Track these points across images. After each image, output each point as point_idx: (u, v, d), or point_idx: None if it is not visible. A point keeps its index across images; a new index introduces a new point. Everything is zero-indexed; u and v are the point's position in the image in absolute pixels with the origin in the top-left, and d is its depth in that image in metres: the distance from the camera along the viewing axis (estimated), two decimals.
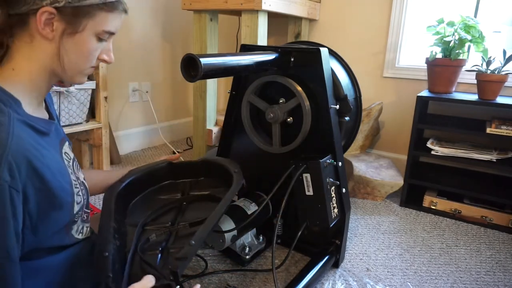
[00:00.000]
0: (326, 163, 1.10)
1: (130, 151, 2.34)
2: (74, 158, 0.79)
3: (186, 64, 0.86)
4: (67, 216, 0.69)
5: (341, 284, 1.18)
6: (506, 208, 1.63)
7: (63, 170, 0.69)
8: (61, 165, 0.69)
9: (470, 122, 1.78)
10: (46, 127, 0.68)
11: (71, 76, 0.70)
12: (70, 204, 0.69)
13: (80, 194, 0.74)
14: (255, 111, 1.29)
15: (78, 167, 0.81)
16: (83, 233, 0.76)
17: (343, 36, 2.23)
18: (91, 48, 0.68)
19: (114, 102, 2.17)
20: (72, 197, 0.70)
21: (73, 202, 0.70)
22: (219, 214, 0.82)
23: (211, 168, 1.08)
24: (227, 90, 1.39)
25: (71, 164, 0.76)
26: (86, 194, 0.78)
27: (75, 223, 0.73)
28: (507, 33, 1.87)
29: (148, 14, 2.26)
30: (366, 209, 1.72)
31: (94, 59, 0.70)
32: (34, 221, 0.61)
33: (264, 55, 1.14)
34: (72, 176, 0.72)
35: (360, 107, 1.46)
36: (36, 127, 0.64)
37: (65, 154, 0.75)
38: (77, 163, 0.81)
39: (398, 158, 2.13)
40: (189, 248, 0.71)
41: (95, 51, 0.69)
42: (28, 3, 0.61)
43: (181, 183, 1.08)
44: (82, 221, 0.76)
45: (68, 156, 0.76)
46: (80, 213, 0.73)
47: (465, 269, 1.29)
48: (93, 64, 0.71)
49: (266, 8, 1.65)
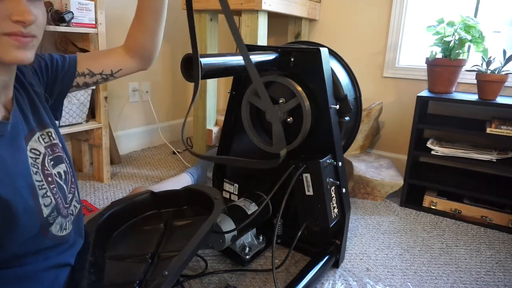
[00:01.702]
0: (326, 163, 1.10)
1: (130, 151, 2.34)
2: (48, 152, 0.72)
3: (186, 64, 0.86)
4: (35, 222, 0.63)
5: (341, 284, 1.18)
6: (506, 208, 1.63)
7: (21, 174, 0.63)
8: (18, 169, 0.63)
9: (470, 122, 1.78)
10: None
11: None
12: (33, 208, 0.63)
13: (49, 194, 0.67)
14: (255, 111, 1.29)
15: (53, 162, 0.73)
16: (67, 229, 0.72)
17: (343, 36, 2.23)
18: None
19: (114, 102, 2.17)
20: (35, 201, 0.64)
21: (39, 206, 0.64)
22: (195, 243, 0.80)
23: (194, 196, 1.06)
24: (227, 90, 1.39)
25: (41, 160, 0.69)
26: (63, 191, 0.73)
27: (52, 225, 0.67)
28: (507, 33, 1.87)
29: None
30: (366, 209, 1.72)
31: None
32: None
33: (264, 55, 1.14)
34: (37, 176, 0.66)
35: (360, 107, 1.46)
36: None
37: (32, 151, 0.68)
38: (55, 157, 0.74)
39: (398, 158, 2.13)
40: (162, 279, 0.69)
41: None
42: None
43: (164, 213, 1.05)
44: (63, 217, 0.71)
45: (35, 153, 0.69)
46: (53, 214, 0.68)
47: (465, 269, 1.29)
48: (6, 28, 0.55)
49: (266, 8, 1.65)
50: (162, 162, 2.19)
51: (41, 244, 0.66)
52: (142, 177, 1.94)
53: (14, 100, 0.67)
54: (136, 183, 1.85)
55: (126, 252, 0.89)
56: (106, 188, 1.78)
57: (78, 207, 0.78)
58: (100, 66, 0.86)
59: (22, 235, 0.61)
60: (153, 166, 2.11)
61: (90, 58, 0.87)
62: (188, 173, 1.71)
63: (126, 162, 2.16)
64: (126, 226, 0.99)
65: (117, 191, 1.76)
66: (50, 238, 0.67)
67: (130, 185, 1.83)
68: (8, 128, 0.63)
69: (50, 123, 0.76)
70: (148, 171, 2.03)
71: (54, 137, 0.75)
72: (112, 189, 1.77)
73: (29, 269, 0.65)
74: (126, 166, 2.08)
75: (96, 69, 0.86)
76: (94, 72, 0.86)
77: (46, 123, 0.75)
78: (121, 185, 1.83)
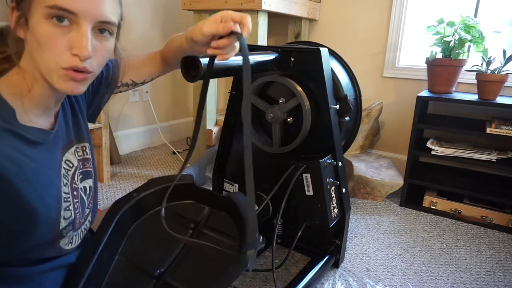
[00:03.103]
0: (326, 163, 1.10)
1: (130, 151, 2.34)
2: (79, 166, 0.74)
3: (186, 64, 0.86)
4: (49, 233, 0.64)
5: (341, 284, 1.18)
6: (506, 208, 1.63)
7: (52, 185, 0.64)
8: (51, 179, 0.64)
9: (470, 122, 1.78)
10: (39, 136, 0.62)
11: (48, 79, 0.58)
12: (54, 220, 0.64)
13: (71, 208, 0.68)
14: (255, 111, 1.29)
15: (81, 176, 0.75)
16: (73, 243, 0.72)
17: (343, 36, 2.23)
18: (44, 34, 0.54)
19: (114, 102, 2.17)
20: (58, 213, 0.64)
21: (59, 218, 0.65)
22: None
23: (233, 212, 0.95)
24: (227, 90, 1.39)
25: (71, 173, 0.71)
26: (83, 206, 0.74)
27: (63, 238, 0.68)
28: (507, 33, 1.87)
29: (148, 14, 2.26)
30: (366, 209, 1.72)
31: (59, 53, 0.55)
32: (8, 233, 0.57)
33: (264, 55, 1.14)
34: (66, 188, 0.67)
35: (360, 107, 1.46)
36: (26, 137, 0.59)
37: (67, 162, 0.70)
38: (84, 172, 0.75)
39: (398, 158, 2.13)
40: None
41: (52, 40, 0.55)
42: None
43: (201, 208, 0.97)
44: (74, 231, 0.71)
45: (69, 165, 0.70)
46: (68, 228, 0.68)
47: (465, 269, 1.29)
48: (64, 61, 0.56)
49: (266, 8, 1.65)
50: (162, 162, 2.19)
51: (44, 253, 0.66)
52: (142, 177, 1.94)
53: (60, 111, 0.69)
54: (136, 183, 1.85)
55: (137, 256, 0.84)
56: (106, 188, 1.78)
57: (91, 222, 0.78)
58: (143, 76, 0.88)
59: (33, 242, 0.62)
60: (153, 166, 2.11)
61: (133, 69, 0.86)
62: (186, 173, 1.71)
63: (126, 162, 2.16)
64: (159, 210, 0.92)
65: (117, 191, 1.76)
66: (56, 249, 0.68)
67: (130, 185, 1.83)
68: (50, 137, 0.65)
69: (87, 138, 0.78)
70: (148, 171, 2.03)
71: (87, 151, 0.77)
72: (112, 189, 1.77)
73: (24, 271, 0.65)
74: (126, 166, 2.09)
75: (139, 79, 0.88)
76: (137, 82, 0.88)
77: (83, 137, 0.77)
78: (121, 185, 1.83)
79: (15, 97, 0.60)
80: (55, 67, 0.56)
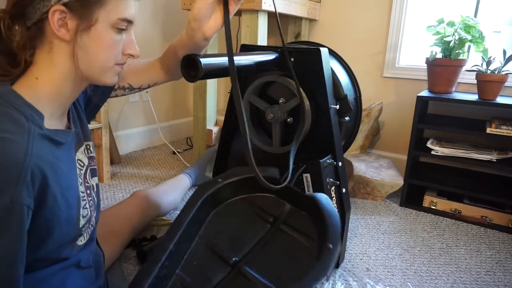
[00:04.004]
0: (326, 163, 1.10)
1: (130, 151, 2.34)
2: (89, 164, 0.76)
3: (186, 64, 0.86)
4: (72, 232, 0.67)
5: (341, 284, 1.18)
6: (506, 208, 1.63)
7: (72, 185, 0.67)
8: (72, 179, 0.67)
9: (470, 122, 1.78)
10: (64, 137, 0.66)
11: (98, 76, 0.66)
12: (75, 219, 0.67)
13: (87, 206, 0.72)
14: (255, 111, 1.29)
15: (91, 174, 0.78)
16: (84, 239, 0.75)
17: (343, 36, 2.23)
18: (110, 41, 0.64)
19: (114, 102, 2.17)
20: (78, 212, 0.68)
21: (78, 217, 0.68)
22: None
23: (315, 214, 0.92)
24: (227, 90, 1.39)
25: (83, 172, 0.73)
26: (94, 203, 0.77)
27: (81, 235, 0.71)
28: (507, 33, 1.87)
29: (148, 14, 2.26)
30: (366, 209, 1.72)
31: (117, 54, 0.66)
32: (40, 237, 0.60)
33: (264, 55, 1.14)
34: (82, 187, 0.70)
35: (360, 107, 1.46)
36: (55, 139, 0.63)
37: (79, 161, 0.72)
38: (92, 169, 0.78)
39: (398, 158, 2.13)
40: None
41: (115, 44, 0.65)
42: (38, 8, 0.59)
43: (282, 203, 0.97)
44: (89, 229, 0.75)
45: (81, 164, 0.73)
46: (86, 225, 0.72)
47: (465, 269, 1.29)
48: (119, 60, 0.67)
49: (266, 8, 1.65)
50: (162, 162, 2.19)
51: (63, 252, 0.68)
52: (142, 177, 1.94)
53: (71, 111, 0.73)
54: (136, 183, 1.85)
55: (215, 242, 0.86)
56: (106, 188, 1.78)
57: (96, 218, 0.81)
58: (140, 81, 0.90)
59: (56, 242, 0.64)
60: (153, 166, 2.11)
61: (132, 73, 0.88)
62: (186, 173, 1.71)
63: (126, 162, 2.16)
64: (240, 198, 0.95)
65: (117, 191, 1.76)
66: (73, 247, 0.70)
67: (130, 185, 1.83)
68: (70, 137, 0.69)
69: (90, 136, 0.81)
70: (148, 171, 2.03)
71: (91, 150, 0.80)
72: (112, 189, 1.77)
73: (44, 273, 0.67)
74: (126, 166, 2.09)
75: (137, 84, 0.89)
76: (134, 87, 0.89)
77: (88, 135, 0.80)
78: (121, 185, 1.83)
79: (40, 100, 0.62)
80: (111, 65, 0.66)
